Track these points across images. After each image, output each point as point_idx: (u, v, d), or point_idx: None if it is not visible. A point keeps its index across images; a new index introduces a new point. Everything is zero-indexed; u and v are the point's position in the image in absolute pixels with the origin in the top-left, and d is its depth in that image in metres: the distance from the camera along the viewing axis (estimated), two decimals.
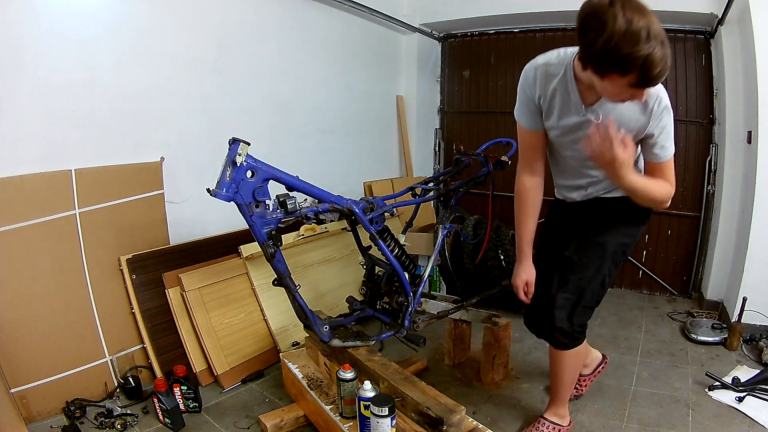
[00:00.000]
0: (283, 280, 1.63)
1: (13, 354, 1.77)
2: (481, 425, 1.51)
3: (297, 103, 2.94)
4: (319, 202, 1.66)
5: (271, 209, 1.51)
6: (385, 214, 1.76)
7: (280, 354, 2.13)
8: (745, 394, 2.00)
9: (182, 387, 1.90)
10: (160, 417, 1.85)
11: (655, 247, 3.42)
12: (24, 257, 1.82)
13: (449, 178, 2.28)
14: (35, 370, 1.84)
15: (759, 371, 2.18)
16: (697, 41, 3.08)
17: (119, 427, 1.80)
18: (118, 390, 2.03)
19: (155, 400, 1.83)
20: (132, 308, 2.08)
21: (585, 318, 1.61)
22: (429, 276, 1.97)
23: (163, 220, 2.26)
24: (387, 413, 1.37)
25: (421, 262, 2.74)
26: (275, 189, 1.50)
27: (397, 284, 1.89)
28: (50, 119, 1.87)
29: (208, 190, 1.38)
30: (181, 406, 1.89)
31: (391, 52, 3.81)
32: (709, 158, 3.15)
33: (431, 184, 2.14)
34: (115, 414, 1.86)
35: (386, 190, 3.51)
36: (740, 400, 1.98)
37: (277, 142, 2.83)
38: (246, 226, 1.51)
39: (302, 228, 2.44)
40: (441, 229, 2.04)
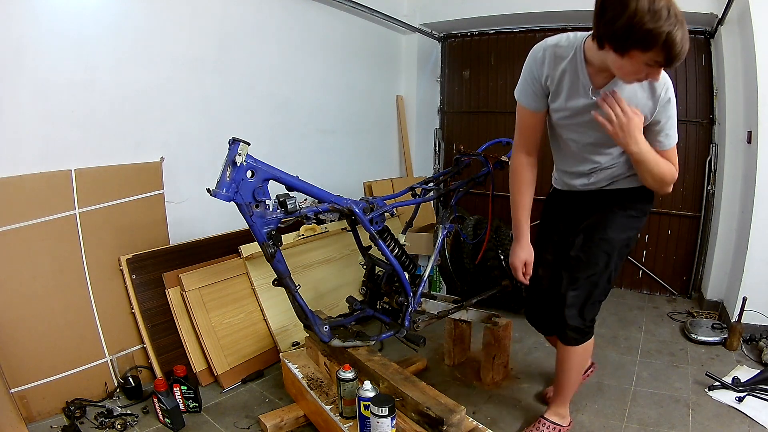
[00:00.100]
0: (283, 280, 1.63)
1: (13, 354, 1.77)
2: (481, 425, 1.51)
3: (297, 103, 2.95)
4: (319, 202, 1.66)
5: (271, 209, 1.51)
6: (385, 214, 1.76)
7: (280, 354, 2.13)
8: (745, 394, 2.00)
9: (182, 387, 1.90)
10: (160, 417, 1.85)
11: (655, 247, 3.42)
12: (24, 257, 1.82)
13: (449, 178, 2.28)
14: (35, 370, 1.84)
15: (759, 371, 2.18)
16: (697, 41, 3.07)
17: (119, 427, 1.80)
18: (118, 390, 2.03)
19: (155, 400, 1.83)
20: (132, 308, 2.08)
21: (595, 312, 1.64)
22: (429, 276, 1.97)
23: (163, 220, 2.26)
24: (387, 413, 1.37)
25: (421, 262, 2.74)
26: (275, 189, 1.50)
27: (397, 284, 1.89)
28: (50, 119, 1.87)
29: (208, 190, 1.38)
30: (181, 406, 1.90)
31: (391, 52, 3.81)
32: (709, 158, 3.15)
33: (431, 184, 2.14)
34: (115, 414, 1.87)
35: (386, 190, 3.50)
36: (740, 400, 1.98)
37: (277, 142, 2.83)
38: (246, 226, 1.51)
39: (302, 228, 2.44)
40: (441, 229, 2.04)
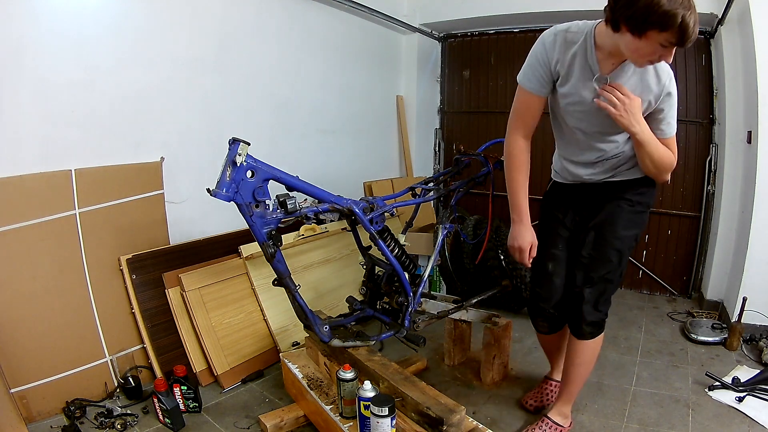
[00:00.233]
0: (283, 280, 1.63)
1: (13, 354, 1.77)
2: (481, 425, 1.51)
3: (297, 103, 2.95)
4: (319, 202, 1.66)
5: (271, 209, 1.51)
6: (385, 214, 1.76)
7: (280, 354, 2.13)
8: (745, 394, 2.01)
9: (182, 387, 1.90)
10: (160, 417, 1.85)
11: (655, 247, 3.42)
12: (24, 257, 1.82)
13: (449, 178, 2.28)
14: (35, 370, 1.84)
15: (759, 371, 2.18)
16: (697, 41, 3.04)
17: (119, 427, 1.80)
18: (118, 390, 2.03)
19: (155, 400, 1.83)
20: (132, 308, 2.08)
21: (608, 305, 1.67)
22: (429, 276, 1.97)
23: (163, 220, 2.26)
24: (387, 413, 1.37)
25: (421, 262, 2.74)
26: (275, 189, 1.50)
27: (397, 284, 1.89)
28: (50, 119, 1.87)
29: (208, 190, 1.38)
30: (181, 406, 1.89)
31: (391, 52, 3.81)
32: (709, 158, 3.15)
33: (431, 184, 2.14)
34: (115, 414, 1.86)
35: (386, 190, 3.50)
36: (740, 400, 1.98)
37: (277, 142, 2.83)
38: (246, 226, 1.51)
39: (302, 228, 2.44)
40: (441, 229, 2.04)
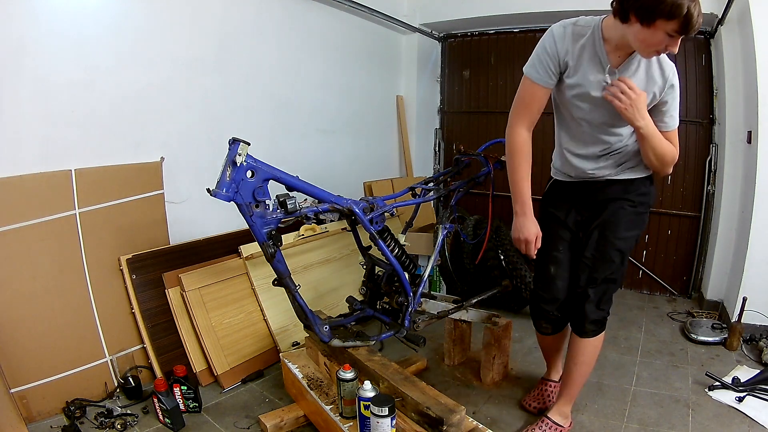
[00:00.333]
0: (283, 280, 1.63)
1: (13, 354, 1.77)
2: (481, 425, 1.51)
3: (297, 103, 2.94)
4: (319, 202, 1.66)
5: (271, 209, 1.51)
6: (385, 214, 1.76)
7: (280, 354, 2.13)
8: (745, 394, 2.01)
9: (182, 387, 1.90)
10: (160, 417, 1.85)
11: (655, 247, 3.42)
12: (24, 257, 1.82)
13: (449, 178, 2.28)
14: (35, 370, 1.84)
15: (759, 371, 2.18)
16: (697, 41, 3.07)
17: (119, 427, 1.80)
18: (118, 390, 2.03)
19: (155, 400, 1.83)
20: (132, 308, 2.08)
21: (610, 303, 1.70)
22: (429, 276, 1.97)
23: (163, 220, 2.26)
24: (387, 413, 1.37)
25: (421, 262, 2.74)
26: (275, 189, 1.50)
27: (397, 284, 1.89)
28: (50, 119, 1.87)
29: (208, 190, 1.38)
30: (181, 406, 1.89)
31: (391, 52, 3.81)
32: (709, 158, 3.15)
33: (431, 184, 2.14)
34: (115, 414, 1.86)
35: (386, 190, 3.50)
36: (740, 400, 1.98)
37: (277, 142, 2.83)
38: (246, 226, 1.51)
39: (302, 228, 2.44)
40: (441, 229, 2.04)
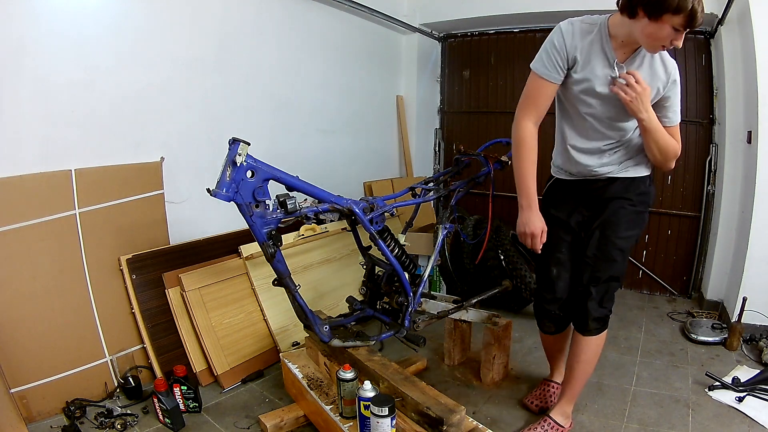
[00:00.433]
0: (283, 280, 1.63)
1: (13, 354, 1.77)
2: (481, 425, 1.51)
3: (297, 103, 2.94)
4: (319, 202, 1.66)
5: (271, 209, 1.51)
6: (385, 214, 1.76)
7: (280, 354, 2.13)
8: (745, 394, 2.01)
9: (182, 387, 1.90)
10: (160, 417, 1.85)
11: (655, 247, 3.42)
12: (24, 257, 1.82)
13: (449, 178, 2.28)
14: (35, 370, 1.84)
15: (759, 371, 2.18)
16: (697, 41, 3.07)
17: (119, 427, 1.80)
18: (118, 390, 2.03)
19: (155, 400, 1.83)
20: (132, 308, 2.08)
21: (613, 301, 1.73)
22: (429, 276, 1.97)
23: (163, 220, 2.26)
24: (387, 413, 1.37)
25: (421, 262, 2.74)
26: (275, 189, 1.50)
27: (397, 284, 1.89)
28: (50, 119, 1.87)
29: (208, 190, 1.38)
30: (181, 406, 1.89)
31: (391, 52, 3.81)
32: (709, 158, 3.15)
33: (431, 184, 2.14)
34: (115, 414, 1.86)
35: (386, 190, 3.51)
36: (740, 400, 1.98)
37: (277, 142, 2.83)
38: (246, 226, 1.51)
39: (302, 228, 2.44)
40: (441, 229, 2.04)
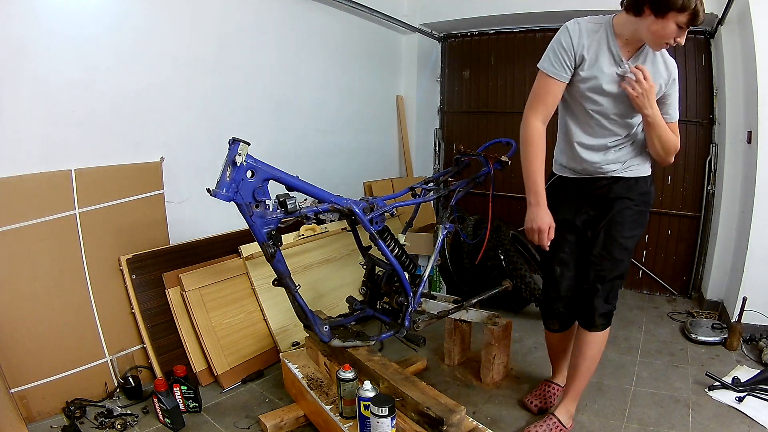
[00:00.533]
0: (283, 280, 1.63)
1: (13, 354, 1.77)
2: (481, 425, 1.51)
3: (297, 103, 2.94)
4: (319, 202, 1.66)
5: (271, 209, 1.51)
6: (385, 214, 1.76)
7: (280, 354, 2.13)
8: (745, 394, 2.01)
9: (182, 387, 1.90)
10: (160, 417, 1.85)
11: (655, 247, 3.42)
12: (24, 257, 1.82)
13: (449, 178, 2.28)
14: (35, 370, 1.84)
15: (759, 371, 2.18)
16: (697, 41, 3.07)
17: (119, 427, 1.80)
18: (118, 390, 2.03)
19: (155, 400, 1.83)
20: (132, 308, 2.08)
21: (617, 297, 1.77)
22: (429, 276, 1.97)
23: (163, 220, 2.26)
24: (387, 413, 1.37)
25: (421, 262, 2.74)
26: (275, 189, 1.50)
27: (397, 284, 1.89)
28: (50, 119, 1.87)
29: (208, 190, 1.38)
30: (181, 406, 1.89)
31: (391, 52, 3.81)
32: (709, 158, 3.15)
33: (431, 184, 2.14)
34: (115, 414, 1.87)
35: (386, 190, 3.51)
36: (740, 400, 1.98)
37: (277, 142, 2.83)
38: (246, 226, 1.51)
39: (302, 228, 2.44)
40: (441, 229, 2.04)
